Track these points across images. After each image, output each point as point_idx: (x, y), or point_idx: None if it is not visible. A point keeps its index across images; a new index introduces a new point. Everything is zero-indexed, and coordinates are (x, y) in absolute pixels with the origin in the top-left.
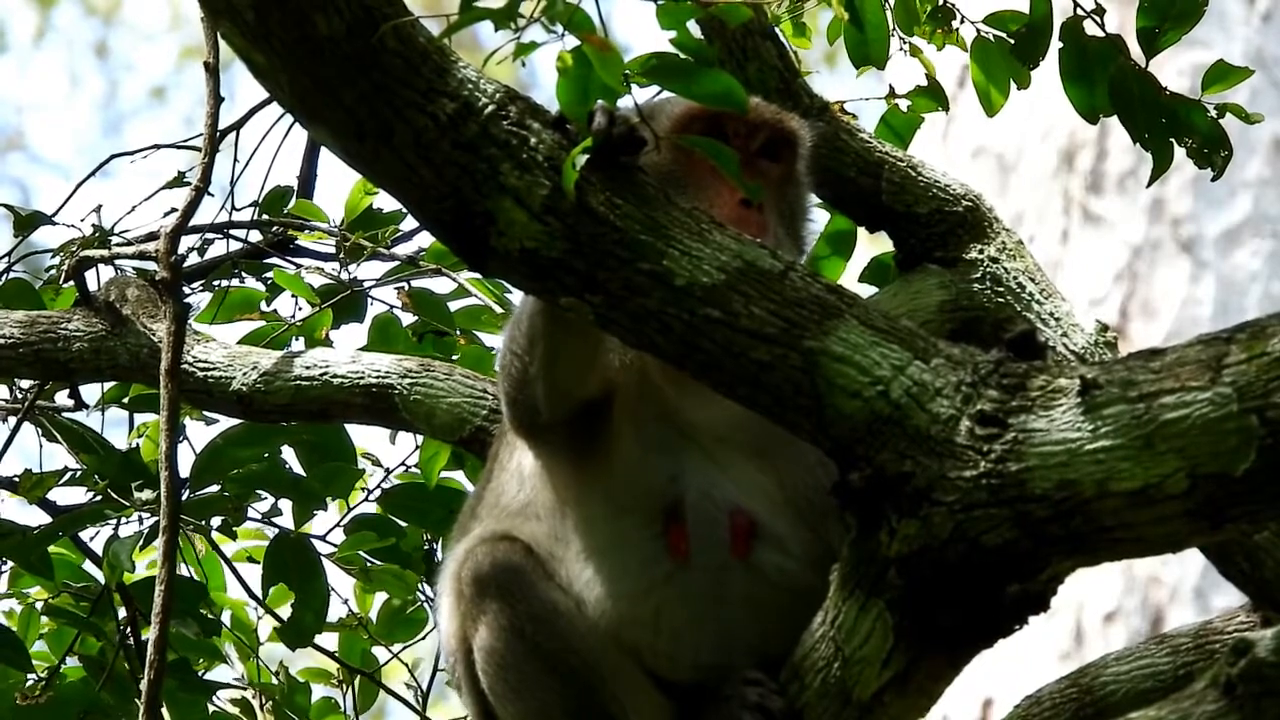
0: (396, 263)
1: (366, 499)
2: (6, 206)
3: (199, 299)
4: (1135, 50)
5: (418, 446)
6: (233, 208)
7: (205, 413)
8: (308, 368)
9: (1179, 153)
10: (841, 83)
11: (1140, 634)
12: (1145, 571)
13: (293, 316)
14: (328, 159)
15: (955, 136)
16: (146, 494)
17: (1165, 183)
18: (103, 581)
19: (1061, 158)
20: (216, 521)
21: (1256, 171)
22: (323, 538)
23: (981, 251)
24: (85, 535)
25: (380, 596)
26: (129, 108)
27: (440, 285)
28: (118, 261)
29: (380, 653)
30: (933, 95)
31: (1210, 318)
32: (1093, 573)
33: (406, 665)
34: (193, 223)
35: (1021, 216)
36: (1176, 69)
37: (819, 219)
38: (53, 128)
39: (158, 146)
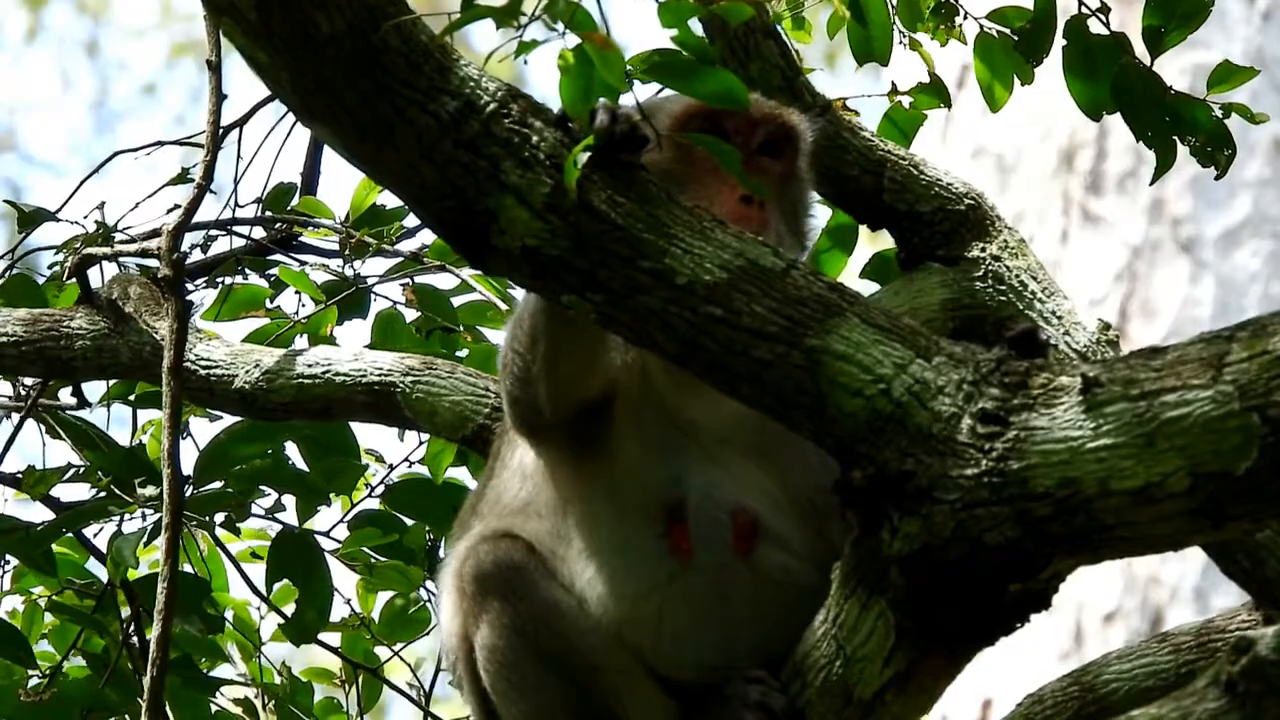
0: (400, 259)
1: (370, 495)
2: (10, 203)
3: (202, 296)
4: (1138, 47)
5: (421, 443)
6: (236, 204)
7: (209, 409)
8: (310, 366)
9: (1179, 153)
10: (843, 82)
11: (1140, 634)
12: (1145, 571)
13: (296, 313)
14: (331, 155)
15: (955, 137)
16: (150, 491)
17: (1165, 183)
18: (106, 579)
19: (1061, 158)
20: (220, 518)
21: (1256, 172)
22: (326, 534)
23: (983, 250)
24: (89, 532)
25: (382, 596)
26: (121, 106)
27: (444, 282)
28: (120, 259)
29: (383, 653)
30: (935, 92)
31: (1210, 318)
32: (1093, 573)
33: (409, 665)
34: (196, 220)
35: (1021, 217)
36: (1178, 68)
37: (821, 215)
38: (45, 127)
39: (161, 143)
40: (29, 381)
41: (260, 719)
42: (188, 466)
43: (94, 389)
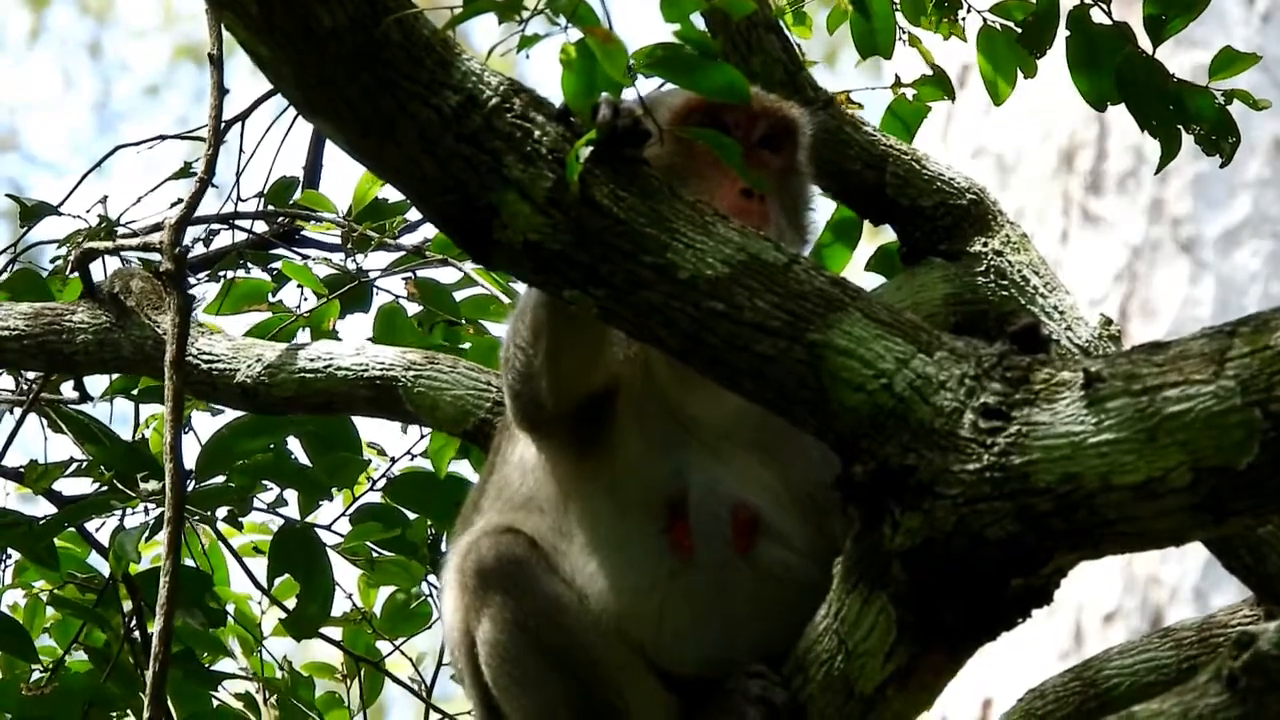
0: (403, 253)
1: (372, 489)
2: (11, 197)
3: (205, 290)
4: (1139, 38)
5: (424, 436)
6: (238, 198)
7: (211, 404)
8: (312, 360)
9: (1179, 153)
10: (843, 81)
11: (1140, 634)
12: (1145, 571)
13: (299, 307)
14: (333, 149)
15: (955, 137)
16: (152, 485)
17: (1165, 183)
18: (108, 573)
19: (1061, 158)
20: (222, 512)
21: (1256, 172)
22: (328, 528)
23: (985, 245)
24: (91, 526)
25: (384, 591)
26: (123, 107)
27: (446, 275)
28: (122, 253)
29: (385, 649)
30: (938, 84)
31: (1210, 318)
32: (1092, 572)
33: (410, 659)
34: (199, 214)
35: (1021, 216)
36: (1177, 68)
37: (822, 209)
38: (47, 127)
39: (163, 137)
40: (30, 375)
41: (261, 713)
42: (190, 461)
43: (96, 383)
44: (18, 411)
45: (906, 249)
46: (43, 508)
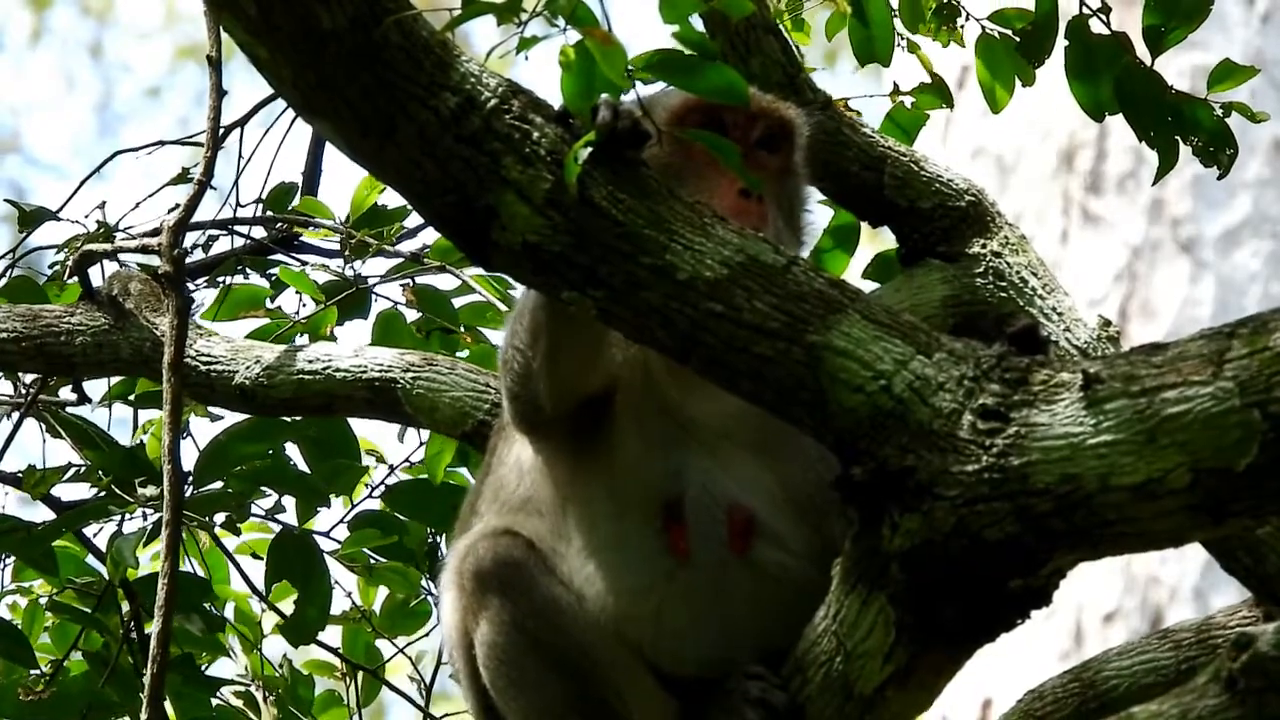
0: (401, 259)
1: (370, 495)
2: (10, 202)
3: (203, 296)
4: (1138, 47)
5: (422, 443)
6: (237, 203)
7: (210, 409)
8: (310, 362)
9: (1179, 153)
10: (842, 83)
11: (1140, 634)
12: (1145, 571)
13: (297, 313)
14: (333, 155)
15: (955, 137)
16: (150, 490)
17: (1165, 183)
18: (107, 577)
19: (1061, 158)
20: (220, 518)
21: (1256, 172)
22: (326, 534)
23: (984, 246)
24: (89, 531)
25: (384, 589)
26: (125, 109)
27: (445, 282)
28: (121, 256)
29: (384, 647)
30: (937, 92)
31: (1210, 318)
32: (1092, 573)
33: (410, 659)
34: (197, 219)
35: (1021, 217)
36: (1176, 69)
37: (820, 211)
38: (48, 129)
39: (162, 143)
40: (28, 379)
41: (261, 712)
42: (188, 466)
43: (95, 388)
44: (15, 415)
45: (905, 251)
46: (41, 513)
